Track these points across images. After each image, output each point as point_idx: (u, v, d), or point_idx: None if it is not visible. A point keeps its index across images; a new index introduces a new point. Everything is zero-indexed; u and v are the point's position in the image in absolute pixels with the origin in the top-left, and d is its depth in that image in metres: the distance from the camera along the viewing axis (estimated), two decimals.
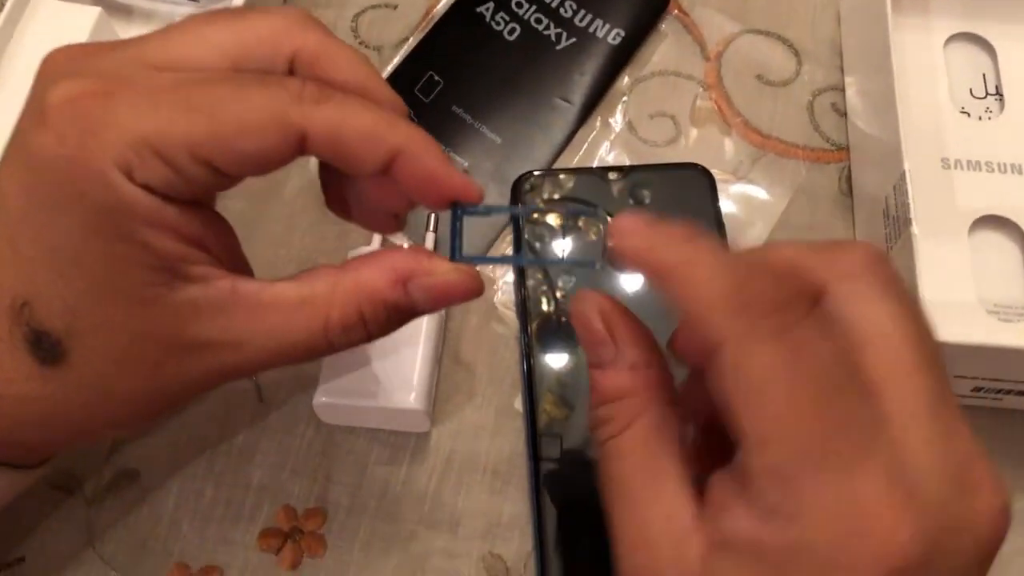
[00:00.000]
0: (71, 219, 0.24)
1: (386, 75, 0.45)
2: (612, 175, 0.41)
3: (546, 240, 0.39)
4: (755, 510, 0.20)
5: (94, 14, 0.41)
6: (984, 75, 0.39)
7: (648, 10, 0.46)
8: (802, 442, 0.20)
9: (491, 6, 0.46)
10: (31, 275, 0.25)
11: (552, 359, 0.37)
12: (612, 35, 0.45)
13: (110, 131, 0.23)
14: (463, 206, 0.26)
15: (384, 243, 0.40)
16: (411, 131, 0.25)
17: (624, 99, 0.45)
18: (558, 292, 0.38)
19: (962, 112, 0.38)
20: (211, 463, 0.37)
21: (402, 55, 0.45)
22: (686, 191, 0.40)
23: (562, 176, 0.41)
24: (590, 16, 0.46)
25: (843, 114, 0.44)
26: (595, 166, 0.43)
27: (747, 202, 0.42)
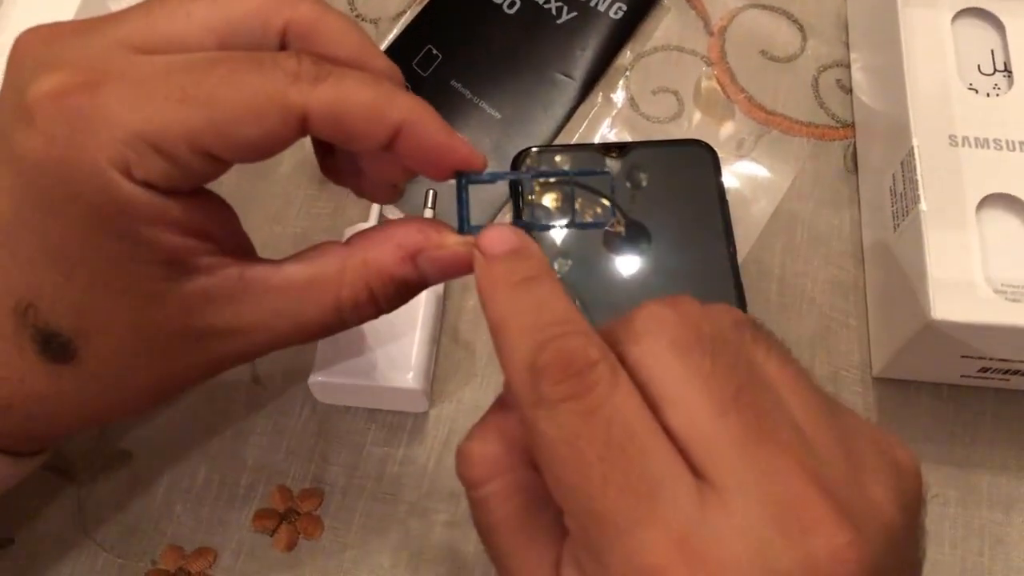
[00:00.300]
0: (69, 221, 0.23)
1: (383, 48, 0.44)
2: (613, 152, 0.40)
3: (541, 217, 0.39)
4: None
5: None
6: (992, 51, 0.39)
7: None
8: (591, 508, 0.19)
9: None
10: (33, 277, 0.24)
11: None
12: (614, 9, 0.44)
13: (102, 128, 0.22)
14: (467, 175, 0.26)
15: (381, 219, 0.39)
16: (412, 103, 0.25)
17: (626, 74, 0.44)
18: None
19: (970, 89, 0.37)
20: (205, 444, 0.37)
21: (400, 28, 0.45)
22: (689, 168, 0.40)
23: (562, 152, 0.40)
24: None
25: (848, 90, 0.43)
26: (596, 142, 0.42)
27: (751, 180, 0.41)
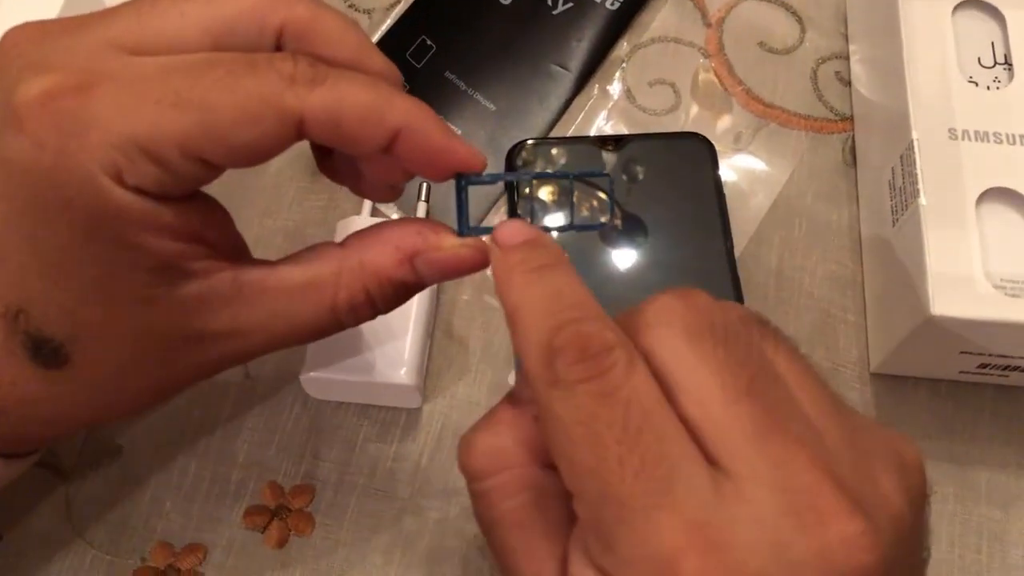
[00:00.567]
0: (60, 227, 0.23)
1: (376, 39, 0.43)
2: (610, 144, 0.40)
3: (538, 215, 0.38)
4: (591, 570, 0.20)
5: None
6: (993, 44, 0.38)
7: None
8: (606, 491, 0.19)
9: None
10: (23, 283, 0.24)
11: None
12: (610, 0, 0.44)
13: (93, 133, 0.22)
14: (467, 176, 0.26)
15: (374, 211, 0.38)
16: (410, 106, 0.24)
17: (622, 66, 0.43)
18: None
19: (970, 81, 0.37)
20: (195, 439, 0.36)
21: (393, 18, 0.44)
22: (686, 161, 0.39)
23: (558, 145, 0.40)
24: None
25: (847, 83, 0.43)
26: (592, 135, 0.41)
27: (749, 173, 0.41)
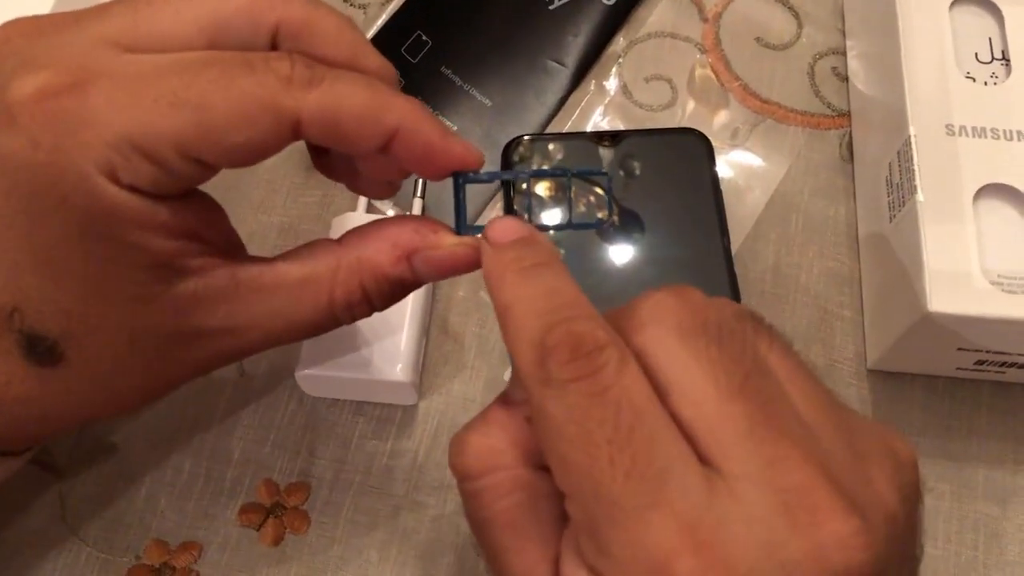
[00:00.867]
0: (54, 225, 0.23)
1: (372, 34, 0.43)
2: (606, 140, 0.39)
3: (535, 211, 0.38)
4: (583, 570, 0.20)
5: None
6: (990, 39, 0.38)
7: None
8: (598, 491, 0.19)
9: None
10: (18, 281, 0.24)
11: None
12: None
13: (88, 131, 0.22)
14: (465, 175, 0.26)
15: (369, 208, 0.38)
16: (407, 106, 0.24)
17: (619, 61, 0.43)
18: None
19: (967, 77, 0.37)
20: (190, 437, 0.36)
21: (389, 14, 0.44)
22: (683, 157, 0.39)
23: (555, 141, 0.40)
24: None
25: (844, 79, 0.43)
26: (589, 131, 0.41)
27: (745, 169, 0.41)
